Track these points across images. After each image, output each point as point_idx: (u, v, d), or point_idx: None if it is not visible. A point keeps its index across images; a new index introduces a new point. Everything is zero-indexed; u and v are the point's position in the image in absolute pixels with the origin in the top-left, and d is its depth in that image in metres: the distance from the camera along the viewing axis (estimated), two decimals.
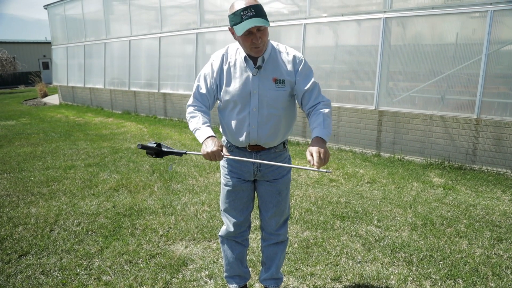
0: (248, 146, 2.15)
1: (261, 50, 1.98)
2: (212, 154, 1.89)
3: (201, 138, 1.98)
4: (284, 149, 2.25)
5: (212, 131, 2.03)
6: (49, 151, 6.95)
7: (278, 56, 2.09)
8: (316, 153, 1.84)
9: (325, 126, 1.99)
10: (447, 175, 5.18)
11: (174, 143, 7.41)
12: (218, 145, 1.91)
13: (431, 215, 3.92)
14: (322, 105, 2.08)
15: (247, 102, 2.07)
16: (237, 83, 2.07)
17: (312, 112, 2.08)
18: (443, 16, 5.24)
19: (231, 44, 2.19)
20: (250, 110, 2.07)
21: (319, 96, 2.10)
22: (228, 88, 2.08)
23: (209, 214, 4.01)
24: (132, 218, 3.92)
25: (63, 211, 4.10)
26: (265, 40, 1.96)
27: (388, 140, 5.96)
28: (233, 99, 2.08)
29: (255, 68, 2.04)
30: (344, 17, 6.11)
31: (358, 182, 4.99)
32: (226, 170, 2.27)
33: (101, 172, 5.51)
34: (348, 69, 6.45)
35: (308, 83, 2.07)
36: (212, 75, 2.12)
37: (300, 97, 2.11)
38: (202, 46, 8.91)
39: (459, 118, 5.22)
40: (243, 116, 2.09)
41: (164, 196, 4.51)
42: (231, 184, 2.24)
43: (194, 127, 2.06)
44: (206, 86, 2.14)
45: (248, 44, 1.95)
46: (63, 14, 14.07)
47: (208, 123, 2.08)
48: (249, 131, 2.10)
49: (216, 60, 2.14)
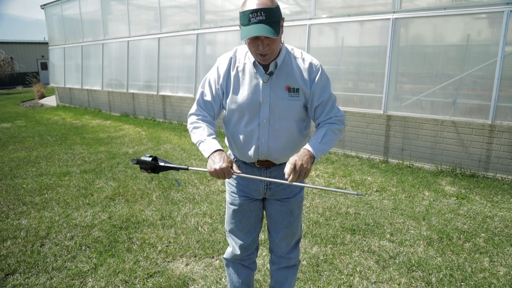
0: (257, 161, 1.93)
1: (268, 59, 1.76)
2: (220, 172, 1.67)
3: (206, 152, 1.76)
4: None
5: (219, 144, 1.80)
6: (43, 156, 6.70)
7: (292, 62, 1.86)
8: (291, 164, 1.65)
9: (322, 141, 1.79)
10: (459, 183, 4.95)
11: (174, 148, 7.17)
12: (227, 161, 1.69)
13: (447, 228, 3.69)
14: (333, 120, 1.88)
15: (256, 113, 1.85)
16: (246, 91, 1.84)
17: (320, 125, 1.89)
18: (455, 16, 5.01)
19: (240, 46, 1.96)
20: (259, 121, 1.85)
21: (332, 109, 1.89)
22: (235, 96, 1.86)
23: (210, 226, 3.77)
24: (129, 231, 3.68)
25: (56, 223, 3.86)
26: (274, 48, 1.73)
27: (397, 146, 5.73)
28: (240, 109, 1.85)
29: (266, 75, 1.82)
30: (350, 18, 5.88)
31: (366, 191, 4.76)
32: (232, 188, 2.04)
33: (97, 179, 5.26)
34: (354, 72, 6.22)
35: (323, 96, 1.87)
36: (218, 81, 1.90)
37: (312, 110, 1.90)
38: (202, 47, 8.67)
39: (472, 124, 4.99)
40: (252, 128, 1.86)
41: (163, 206, 4.27)
42: (238, 203, 2.01)
43: (198, 139, 1.83)
44: (211, 92, 1.92)
45: (253, 49, 1.73)
46: (60, 14, 13.81)
47: (214, 134, 1.86)
48: (258, 145, 1.87)
49: (223, 64, 1.91)
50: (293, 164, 1.67)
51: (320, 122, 1.90)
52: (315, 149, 1.75)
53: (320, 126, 1.90)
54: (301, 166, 1.66)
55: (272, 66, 1.81)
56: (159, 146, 7.35)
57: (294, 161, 1.67)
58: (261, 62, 1.78)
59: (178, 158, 6.38)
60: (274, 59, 1.80)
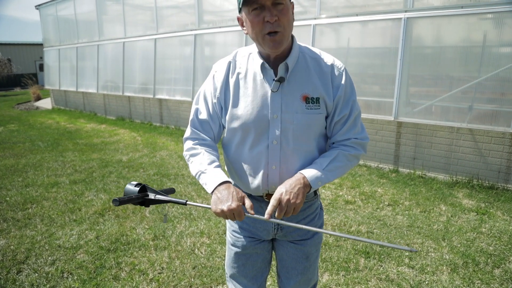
0: (266, 195, 1.52)
1: (280, 40, 1.34)
2: (229, 214, 1.31)
3: (209, 186, 1.39)
4: (315, 197, 1.63)
5: (225, 175, 1.43)
6: (32, 164, 6.32)
7: (309, 64, 1.46)
8: (275, 200, 1.32)
9: (328, 167, 1.42)
10: (477, 195, 4.58)
11: (170, 155, 6.80)
12: (237, 197, 1.32)
13: (471, 250, 3.32)
14: (352, 142, 1.48)
15: (264, 132, 1.44)
16: (250, 104, 1.44)
17: (334, 146, 1.51)
18: (473, 16, 4.64)
19: (240, 48, 1.57)
20: (268, 143, 1.44)
21: (353, 127, 1.49)
22: (236, 110, 1.45)
23: (208, 248, 3.40)
24: (118, 254, 3.31)
25: (37, 244, 3.48)
26: (284, 22, 1.32)
27: (408, 154, 5.36)
28: (243, 127, 1.45)
29: (276, 81, 1.41)
30: (358, 17, 5.52)
31: (378, 205, 4.39)
32: (234, 226, 1.66)
33: (86, 191, 4.88)
34: (362, 74, 5.85)
35: (346, 109, 1.47)
36: (215, 93, 1.50)
37: (331, 127, 1.50)
38: (200, 48, 8.30)
39: (491, 132, 4.63)
40: (259, 152, 1.46)
41: (157, 224, 3.89)
42: (241, 245, 1.62)
43: (198, 170, 1.46)
44: (208, 109, 1.53)
45: (259, 28, 1.33)
46: (55, 15, 13.43)
47: (217, 161, 1.48)
48: (267, 173, 1.47)
49: (220, 71, 1.52)
50: (278, 199, 1.32)
51: (334, 142, 1.52)
52: (315, 176, 1.38)
53: (332, 147, 1.52)
54: (287, 202, 1.31)
55: (282, 69, 1.41)
56: (155, 153, 6.97)
57: (279, 195, 1.32)
58: (271, 49, 1.36)
59: (175, 167, 6.00)
60: (284, 60, 1.41)
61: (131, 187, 1.53)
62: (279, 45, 1.35)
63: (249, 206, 1.34)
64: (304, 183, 1.36)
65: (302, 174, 1.39)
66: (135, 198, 1.49)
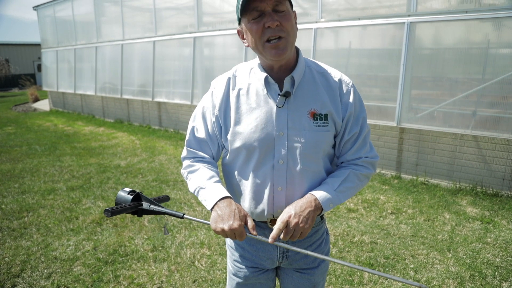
0: (271, 220, 1.43)
1: (284, 47, 1.25)
2: (230, 233, 1.23)
3: (208, 202, 1.31)
4: (322, 221, 1.54)
5: (226, 190, 1.35)
6: (29, 169, 6.23)
7: (316, 78, 1.37)
8: (282, 222, 1.24)
9: (340, 188, 1.34)
10: (481, 203, 4.51)
11: (169, 160, 6.71)
12: (239, 215, 1.24)
13: (477, 262, 3.25)
14: (363, 161, 1.41)
15: (269, 151, 1.35)
16: (253, 120, 1.34)
17: (343, 165, 1.43)
18: (477, 20, 4.57)
19: (240, 64, 1.48)
20: (274, 162, 1.35)
21: (364, 146, 1.42)
22: (238, 128, 1.36)
23: (209, 259, 3.32)
24: (116, 266, 3.22)
25: (33, 256, 3.39)
26: (287, 28, 1.24)
27: (411, 160, 5.28)
28: (246, 147, 1.36)
29: (281, 96, 1.32)
30: (360, 21, 5.44)
31: (380, 213, 4.31)
32: (235, 255, 1.56)
33: (84, 198, 4.80)
34: (364, 79, 5.78)
35: (356, 127, 1.39)
36: (213, 110, 1.41)
37: (341, 145, 1.42)
38: (200, 51, 8.21)
39: (495, 139, 4.55)
40: (264, 172, 1.37)
41: (156, 234, 3.81)
42: (243, 275, 1.52)
43: (196, 186, 1.38)
44: (206, 127, 1.44)
45: (259, 35, 1.24)
46: (53, 16, 13.32)
47: (216, 177, 1.40)
48: (273, 196, 1.38)
49: (219, 87, 1.42)
50: (285, 222, 1.23)
51: (344, 161, 1.44)
52: (326, 198, 1.30)
53: (342, 166, 1.43)
54: (295, 225, 1.23)
55: (288, 83, 1.32)
56: (153, 157, 6.89)
57: (287, 217, 1.24)
58: (274, 57, 1.26)
59: (174, 172, 5.92)
60: (290, 73, 1.33)
61: (124, 194, 1.45)
62: (283, 52, 1.26)
63: (251, 226, 1.26)
64: (315, 205, 1.28)
65: (313, 196, 1.30)
66: (128, 208, 1.41)
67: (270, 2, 1.21)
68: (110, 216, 1.36)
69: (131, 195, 1.44)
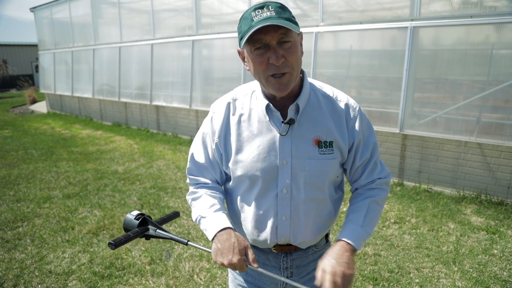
0: (275, 245, 1.38)
1: (287, 83, 1.18)
2: (230, 267, 1.19)
3: (209, 232, 1.27)
4: (327, 244, 1.50)
5: (227, 219, 1.29)
6: (25, 175, 6.12)
7: (321, 103, 1.30)
8: (330, 275, 1.11)
9: (365, 222, 1.28)
10: (485, 212, 4.42)
11: (167, 165, 6.61)
12: (239, 248, 1.19)
13: (484, 276, 3.16)
14: (378, 184, 1.36)
15: (273, 180, 1.29)
16: (255, 148, 1.28)
17: (359, 192, 1.37)
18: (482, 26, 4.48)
19: (240, 86, 1.40)
20: (277, 192, 1.29)
21: (375, 168, 1.36)
22: (240, 156, 1.30)
23: (208, 273, 3.22)
24: (112, 281, 3.13)
25: (26, 269, 3.29)
26: (292, 62, 1.16)
27: (413, 167, 5.19)
28: (248, 176, 1.30)
29: (285, 124, 1.25)
30: (362, 25, 5.34)
31: (383, 222, 4.22)
32: (239, 278, 1.50)
33: (80, 207, 4.70)
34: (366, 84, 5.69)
35: (366, 153, 1.33)
36: (213, 137, 1.35)
37: (352, 172, 1.37)
38: (198, 54, 8.11)
39: (500, 146, 4.47)
40: (267, 202, 1.31)
41: (153, 246, 3.71)
42: None
43: (197, 215, 1.34)
44: (206, 154, 1.38)
45: (262, 69, 1.16)
46: (50, 18, 13.19)
47: (218, 205, 1.34)
48: (276, 225, 1.32)
49: (219, 112, 1.35)
50: (332, 274, 1.12)
51: (358, 187, 1.39)
52: (356, 237, 1.24)
53: (358, 193, 1.38)
54: (342, 276, 1.12)
55: (292, 110, 1.26)
56: (151, 162, 6.78)
57: (332, 271, 1.12)
58: (277, 92, 1.20)
59: (172, 179, 5.82)
60: (294, 100, 1.26)
61: (132, 217, 1.42)
62: (286, 87, 1.19)
63: (252, 259, 1.19)
64: (350, 249, 1.21)
65: (344, 241, 1.23)
66: (133, 236, 1.37)
67: (276, 35, 1.12)
68: (114, 249, 1.34)
69: (138, 219, 1.41)
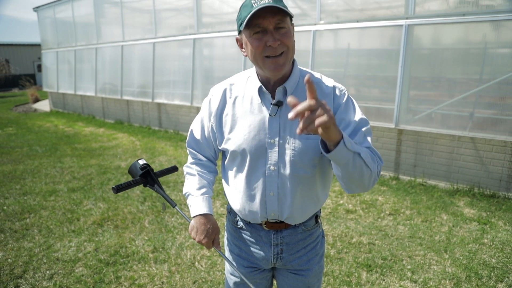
0: (265, 223, 1.50)
1: (283, 63, 1.28)
2: (199, 243, 1.45)
3: (192, 211, 1.50)
4: (316, 225, 1.58)
5: (208, 204, 1.48)
6: (30, 170, 6.27)
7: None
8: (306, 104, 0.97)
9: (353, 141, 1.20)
10: (478, 204, 4.55)
11: (169, 160, 6.75)
12: (210, 233, 1.45)
13: (473, 263, 3.29)
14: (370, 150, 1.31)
15: (261, 157, 1.40)
16: (246, 127, 1.40)
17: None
18: (475, 23, 4.61)
19: (238, 73, 1.54)
20: (266, 169, 1.40)
21: (365, 140, 1.33)
22: (234, 133, 1.42)
23: (208, 261, 3.36)
24: (117, 267, 3.27)
25: (35, 257, 3.44)
26: (288, 44, 1.27)
27: (409, 161, 5.33)
28: (240, 151, 1.41)
29: (274, 105, 1.36)
30: (358, 24, 5.48)
31: (379, 214, 4.36)
32: (232, 255, 1.63)
33: (85, 200, 4.84)
34: (362, 81, 5.82)
35: (352, 123, 1.34)
36: (209, 117, 1.48)
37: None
38: (199, 52, 8.25)
39: (492, 140, 4.60)
40: (256, 178, 1.43)
41: (156, 235, 3.85)
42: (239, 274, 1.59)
43: (186, 191, 1.55)
44: (203, 132, 1.54)
45: (259, 51, 1.27)
46: (53, 17, 13.35)
47: (206, 187, 1.53)
48: (265, 200, 1.44)
49: (216, 95, 1.49)
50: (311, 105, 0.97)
51: None
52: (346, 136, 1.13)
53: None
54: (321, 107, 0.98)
55: (280, 92, 1.36)
56: (154, 158, 6.93)
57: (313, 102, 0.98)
58: (273, 72, 1.29)
59: (174, 174, 5.96)
60: (283, 83, 1.36)
61: (137, 166, 1.62)
62: (281, 68, 1.29)
63: (217, 243, 1.48)
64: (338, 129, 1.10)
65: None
66: (133, 184, 1.58)
67: (273, 20, 1.24)
68: (116, 193, 1.53)
69: (142, 170, 1.59)
